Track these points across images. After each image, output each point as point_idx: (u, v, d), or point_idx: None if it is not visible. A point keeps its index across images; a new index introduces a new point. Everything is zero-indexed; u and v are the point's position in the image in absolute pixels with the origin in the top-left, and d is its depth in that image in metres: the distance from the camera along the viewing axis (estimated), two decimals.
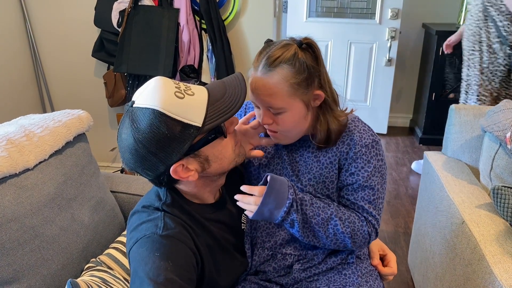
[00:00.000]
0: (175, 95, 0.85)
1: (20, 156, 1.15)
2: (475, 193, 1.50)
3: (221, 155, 0.94)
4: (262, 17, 2.54)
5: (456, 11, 3.68)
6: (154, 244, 0.88)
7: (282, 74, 0.93)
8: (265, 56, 0.95)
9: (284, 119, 0.97)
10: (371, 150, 1.02)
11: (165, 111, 0.83)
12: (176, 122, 0.84)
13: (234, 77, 0.96)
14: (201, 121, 0.86)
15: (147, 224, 0.92)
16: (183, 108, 0.85)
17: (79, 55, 2.76)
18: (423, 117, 3.70)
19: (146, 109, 0.84)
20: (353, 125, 1.04)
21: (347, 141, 1.02)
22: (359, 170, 1.01)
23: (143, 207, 0.98)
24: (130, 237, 0.94)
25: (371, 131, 1.05)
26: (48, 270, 1.15)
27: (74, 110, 1.45)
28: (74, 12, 2.65)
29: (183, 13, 2.40)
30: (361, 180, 1.02)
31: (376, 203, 1.03)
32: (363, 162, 1.01)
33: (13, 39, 2.64)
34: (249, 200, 0.95)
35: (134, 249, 0.90)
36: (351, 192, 1.03)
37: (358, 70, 3.84)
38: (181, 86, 0.89)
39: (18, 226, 1.09)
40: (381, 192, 1.04)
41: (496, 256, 1.18)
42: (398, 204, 2.81)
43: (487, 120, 1.60)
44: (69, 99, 2.90)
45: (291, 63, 0.93)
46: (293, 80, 0.93)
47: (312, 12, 3.79)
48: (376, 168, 1.02)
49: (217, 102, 0.90)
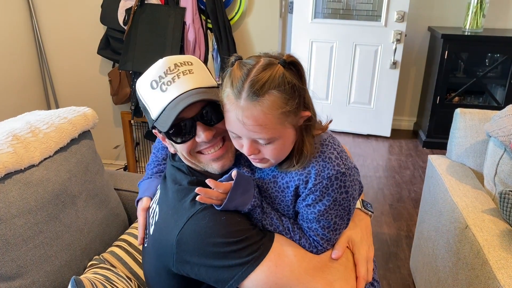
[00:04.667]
0: (150, 84, 0.92)
1: (25, 152, 1.16)
2: (479, 198, 1.49)
3: (178, 150, 0.97)
4: (268, 18, 2.54)
5: (462, 15, 3.67)
6: (213, 215, 0.87)
7: (272, 102, 0.81)
8: (248, 81, 0.81)
9: (274, 147, 0.86)
10: (334, 183, 0.89)
11: (139, 92, 0.96)
12: (141, 102, 0.96)
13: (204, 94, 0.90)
14: (155, 117, 0.93)
15: (191, 202, 0.90)
16: (149, 97, 0.93)
17: (84, 53, 2.76)
18: (427, 121, 3.69)
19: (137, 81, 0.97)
20: (320, 150, 0.90)
21: (308, 169, 0.90)
22: (316, 203, 0.90)
23: (178, 185, 0.96)
24: (174, 220, 0.89)
25: (338, 160, 0.90)
26: (51, 266, 1.15)
27: (80, 107, 1.46)
28: (80, 9, 2.66)
29: (189, 12, 2.41)
30: (317, 214, 0.91)
31: (329, 235, 0.94)
32: (322, 195, 0.89)
33: (19, 36, 2.65)
34: (211, 194, 0.88)
35: (189, 228, 0.86)
36: (305, 220, 0.94)
37: (362, 73, 3.83)
38: (168, 77, 0.92)
39: (23, 222, 1.09)
40: (339, 224, 0.94)
41: (499, 261, 1.17)
42: (401, 207, 2.81)
43: (492, 125, 1.59)
44: (74, 96, 2.91)
45: (280, 89, 0.81)
46: (285, 108, 0.82)
47: (318, 13, 3.79)
48: (336, 201, 0.90)
49: (169, 110, 0.89)
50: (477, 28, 3.49)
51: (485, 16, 3.48)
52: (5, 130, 1.21)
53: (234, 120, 0.84)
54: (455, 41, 3.40)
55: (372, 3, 3.65)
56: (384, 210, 2.78)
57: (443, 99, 3.56)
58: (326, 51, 3.84)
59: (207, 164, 0.96)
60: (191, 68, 0.94)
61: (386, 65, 3.73)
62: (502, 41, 3.38)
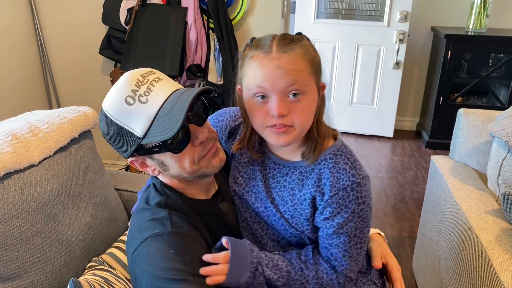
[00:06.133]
0: (125, 100, 0.84)
1: (25, 152, 1.15)
2: (483, 199, 1.48)
3: (177, 164, 0.90)
4: (270, 18, 2.53)
5: (465, 15, 3.65)
6: (165, 243, 0.84)
7: (303, 50, 0.85)
8: (276, 39, 0.85)
9: (302, 105, 0.85)
10: (350, 194, 0.89)
11: (111, 117, 0.86)
12: (120, 127, 0.86)
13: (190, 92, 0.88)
14: (143, 132, 0.85)
15: (152, 223, 0.89)
16: (128, 115, 0.85)
17: (86, 52, 2.76)
18: (430, 121, 3.67)
19: (102, 110, 0.89)
20: (333, 162, 0.91)
21: (324, 180, 0.91)
22: (334, 216, 0.90)
23: (146, 205, 0.94)
24: (134, 238, 0.89)
25: (353, 170, 0.90)
26: (50, 267, 1.15)
27: (80, 107, 1.45)
28: (82, 9, 2.66)
29: (191, 12, 2.40)
30: (336, 227, 0.91)
31: (351, 250, 0.94)
32: (339, 207, 0.90)
33: (21, 35, 2.65)
34: (216, 270, 0.86)
35: (141, 250, 0.86)
36: (325, 237, 0.94)
37: (365, 73, 3.82)
38: (141, 89, 0.85)
39: (22, 222, 1.09)
40: (360, 238, 0.94)
41: (503, 263, 1.16)
42: (404, 208, 2.79)
43: (495, 125, 1.58)
44: (76, 96, 2.91)
45: (306, 45, 0.86)
46: (312, 60, 0.86)
47: (321, 13, 3.78)
48: (355, 213, 0.90)
49: (163, 118, 0.84)
50: (481, 28, 3.47)
51: (488, 16, 3.46)
52: (5, 129, 1.21)
53: (266, 73, 0.83)
54: (458, 41, 3.38)
55: (374, 3, 3.64)
56: (387, 211, 2.76)
57: (446, 99, 3.55)
58: (328, 51, 3.82)
59: (207, 165, 0.93)
60: (158, 76, 0.90)
61: (389, 65, 3.71)
62: (505, 41, 3.36)
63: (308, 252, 0.97)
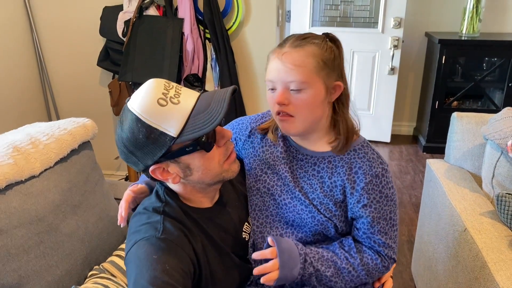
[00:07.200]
0: (158, 102, 0.87)
1: (26, 164, 1.17)
2: (477, 201, 1.50)
3: (203, 166, 0.93)
4: (266, 27, 2.56)
5: (458, 20, 3.69)
6: (152, 247, 0.88)
7: (312, 49, 0.93)
8: (293, 37, 0.96)
9: (302, 98, 0.93)
10: (382, 180, 0.99)
11: (143, 118, 0.87)
12: (152, 129, 0.87)
13: (224, 90, 0.93)
14: (178, 131, 0.87)
15: (146, 227, 0.93)
16: (162, 116, 0.87)
17: (84, 64, 2.79)
18: (426, 126, 3.70)
19: (131, 112, 0.88)
20: (362, 152, 1.01)
21: (355, 169, 1.00)
22: (371, 202, 0.99)
23: (144, 209, 0.98)
24: (129, 239, 0.94)
25: (380, 159, 1.02)
26: (52, 276, 1.16)
27: (79, 118, 1.48)
28: (79, 21, 2.69)
29: (188, 22, 2.43)
30: (374, 212, 0.99)
31: (391, 232, 1.02)
32: (375, 193, 0.99)
33: (19, 48, 2.68)
34: (267, 267, 0.93)
35: (132, 251, 0.90)
36: (367, 226, 1.01)
37: (361, 79, 3.85)
38: (170, 92, 0.89)
39: (24, 232, 1.10)
40: (394, 220, 1.03)
41: (498, 263, 1.18)
42: (402, 212, 2.81)
43: (488, 128, 1.60)
44: (75, 107, 2.93)
45: (320, 43, 0.94)
46: (321, 57, 0.93)
47: (315, 21, 3.82)
48: (388, 197, 1.00)
49: (200, 114, 0.88)
50: (474, 32, 3.51)
51: (481, 20, 3.50)
52: (5, 142, 1.23)
53: (274, 68, 0.94)
54: (452, 46, 3.42)
55: (369, 10, 3.68)
56: None
57: (442, 103, 3.58)
58: None
59: (228, 169, 0.98)
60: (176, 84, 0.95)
61: (384, 71, 3.75)
62: (499, 45, 3.40)
63: (349, 241, 1.03)
